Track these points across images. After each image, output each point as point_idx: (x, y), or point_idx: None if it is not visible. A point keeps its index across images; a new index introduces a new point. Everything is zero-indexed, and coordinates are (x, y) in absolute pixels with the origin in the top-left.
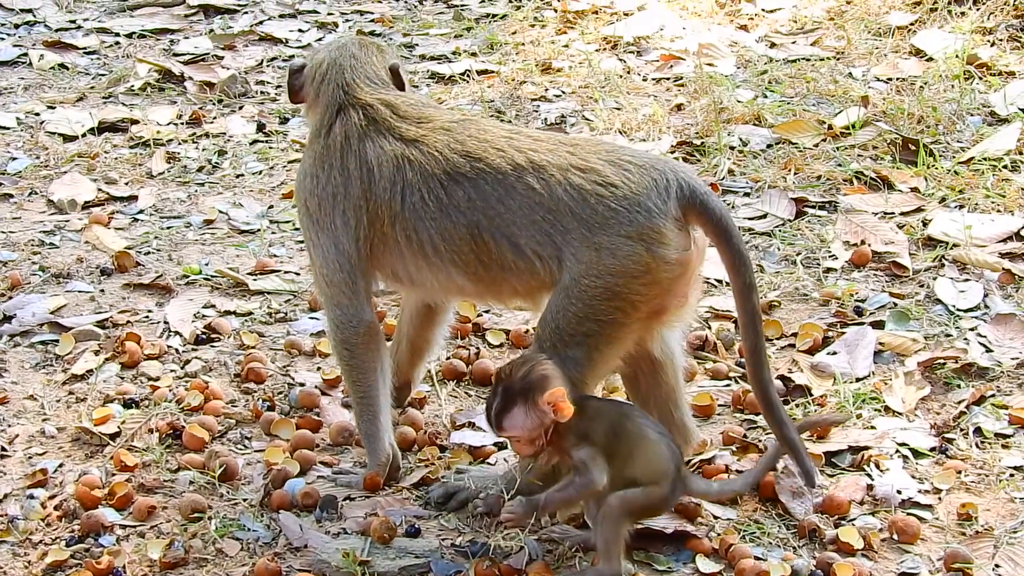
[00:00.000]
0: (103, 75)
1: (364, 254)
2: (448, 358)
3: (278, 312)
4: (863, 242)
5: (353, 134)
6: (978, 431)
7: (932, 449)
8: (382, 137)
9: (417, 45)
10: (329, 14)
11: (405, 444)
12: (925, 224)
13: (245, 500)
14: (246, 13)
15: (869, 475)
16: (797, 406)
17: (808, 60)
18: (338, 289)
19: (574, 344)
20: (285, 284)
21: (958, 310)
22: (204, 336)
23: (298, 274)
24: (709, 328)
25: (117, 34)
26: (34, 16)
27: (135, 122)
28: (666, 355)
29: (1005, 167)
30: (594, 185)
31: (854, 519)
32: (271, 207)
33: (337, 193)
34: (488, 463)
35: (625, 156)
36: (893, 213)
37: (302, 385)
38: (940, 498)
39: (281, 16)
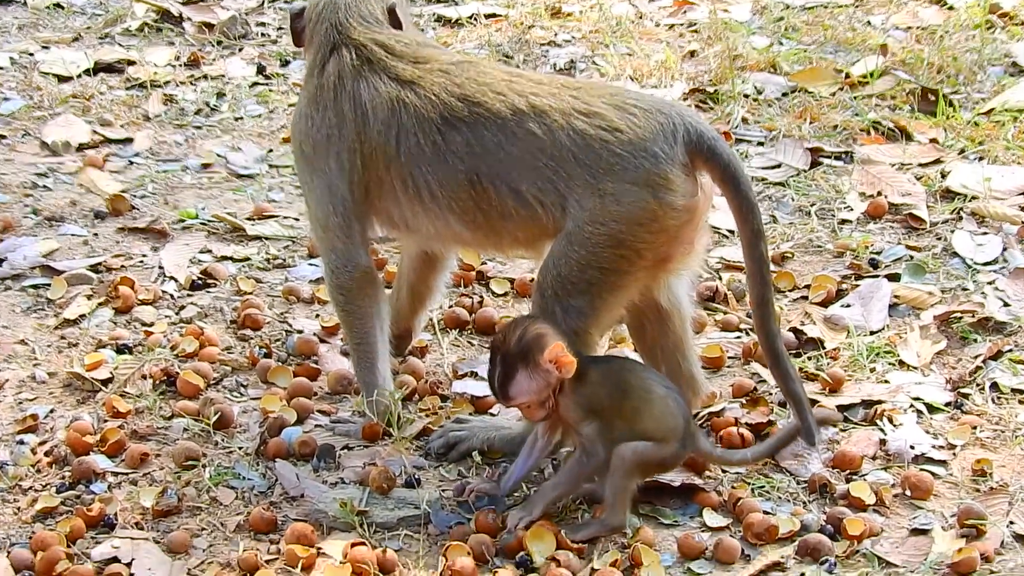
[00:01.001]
0: (99, 15)
1: (359, 198)
2: (450, 306)
3: (276, 258)
4: (879, 193)
5: (347, 73)
6: (994, 386)
7: (947, 404)
8: (376, 77)
9: None
10: None
11: (406, 393)
12: (943, 176)
13: (240, 448)
14: None
15: (882, 430)
16: (809, 359)
17: (826, 7)
18: (333, 234)
19: (577, 293)
20: (283, 230)
21: (976, 263)
22: (200, 281)
23: (297, 220)
24: (720, 279)
25: None
26: None
27: (131, 63)
28: (673, 304)
29: None
30: (598, 130)
31: (866, 474)
32: (270, 151)
33: (331, 135)
34: (491, 413)
35: (630, 100)
36: (911, 164)
37: (300, 332)
38: (954, 454)
39: None
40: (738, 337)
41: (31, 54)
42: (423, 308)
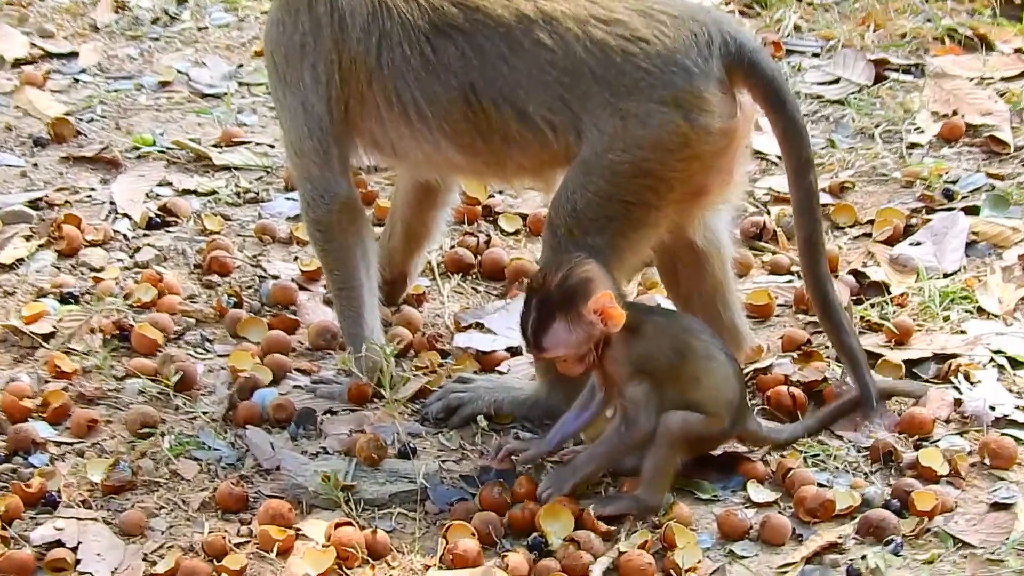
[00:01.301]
0: None
1: (338, 117)
2: (452, 247)
3: (247, 191)
4: (955, 112)
5: None
6: None
7: None
8: None
9: None
10: None
11: (399, 349)
12: None
13: (205, 414)
14: None
15: (957, 388)
16: (872, 306)
17: None
18: (308, 159)
19: (595, 230)
20: (256, 158)
21: None
22: (158, 219)
23: (272, 147)
24: (767, 213)
25: None
26: None
27: None
28: (711, 244)
29: None
30: (620, 40)
31: (938, 440)
32: (240, 67)
33: (305, 44)
34: (498, 371)
35: (658, 6)
36: (992, 78)
37: (275, 278)
38: None
39: None
40: (789, 281)
41: None
42: (420, 249)
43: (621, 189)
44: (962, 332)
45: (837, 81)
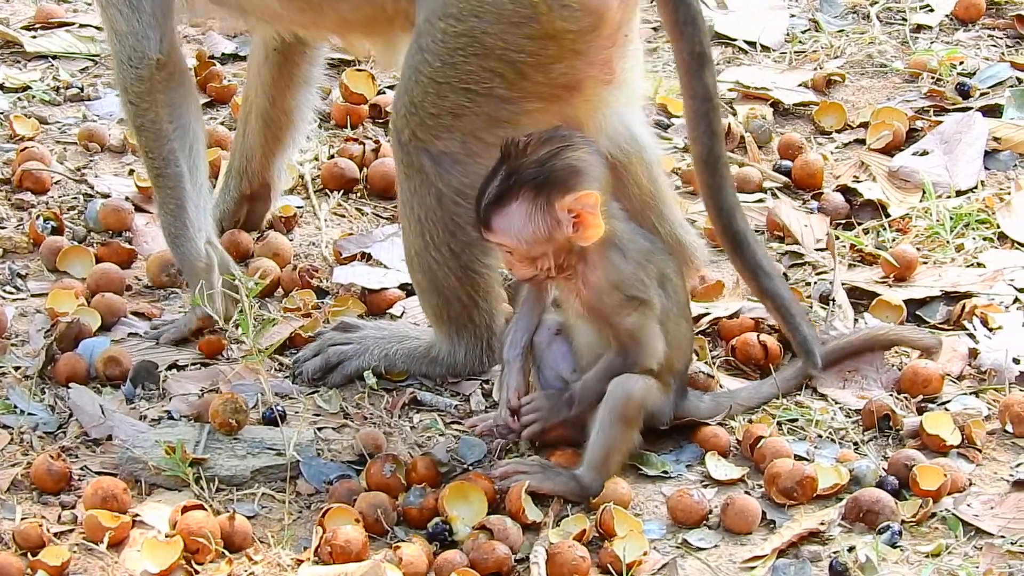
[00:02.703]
0: None
1: None
2: (331, 156)
3: (69, 86)
4: None
5: None
6: None
7: None
8: None
9: None
10: None
11: (264, 286)
12: None
13: (17, 369)
14: None
15: (972, 336)
16: (866, 232)
17: None
18: (116, 10)
19: (441, 131)
20: (80, 44)
21: None
22: None
23: (100, 29)
24: (733, 114)
25: None
26: None
27: None
28: (627, 150)
29: None
30: None
31: (948, 401)
32: None
33: None
34: (391, 315)
35: None
36: None
37: (105, 196)
38: None
39: None
40: (759, 201)
41: None
42: (282, 146)
43: (460, 72)
44: (979, 265)
45: None
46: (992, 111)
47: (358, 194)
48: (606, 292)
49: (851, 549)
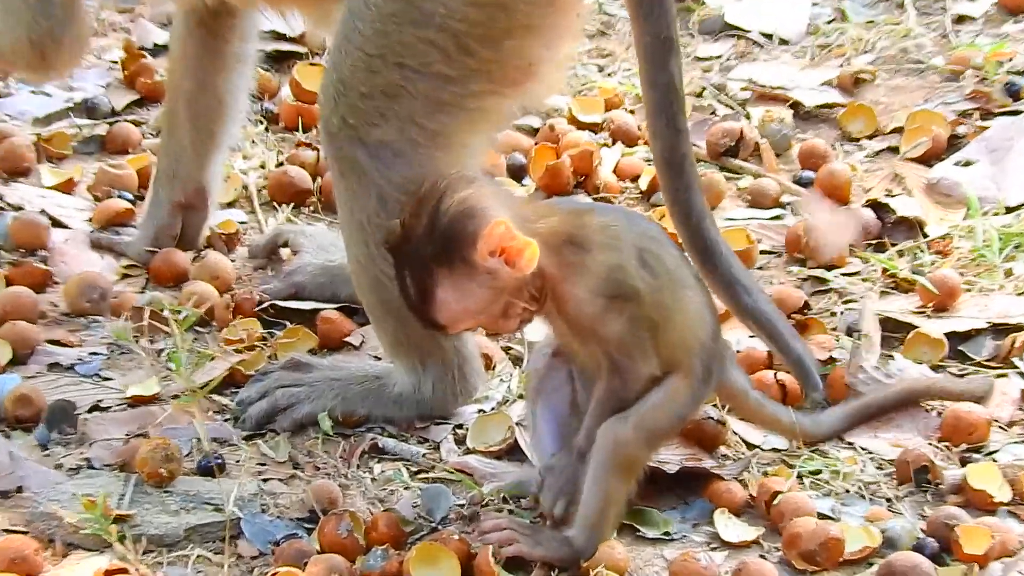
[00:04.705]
0: None
1: None
2: (279, 164)
3: None
4: None
5: None
6: None
7: None
8: None
9: None
10: None
11: (200, 314)
12: None
13: None
14: None
15: (1023, 375)
16: (901, 254)
17: None
18: None
19: (375, 117)
20: None
21: None
22: None
23: None
24: (746, 117)
25: None
26: None
27: None
28: None
29: None
30: None
31: (996, 451)
32: None
33: None
34: (350, 344)
35: None
36: None
37: (17, 209)
38: None
39: None
40: (777, 218)
41: None
42: (216, 141)
43: (393, 43)
44: None
45: None
46: None
47: (311, 207)
48: (585, 302)
49: None
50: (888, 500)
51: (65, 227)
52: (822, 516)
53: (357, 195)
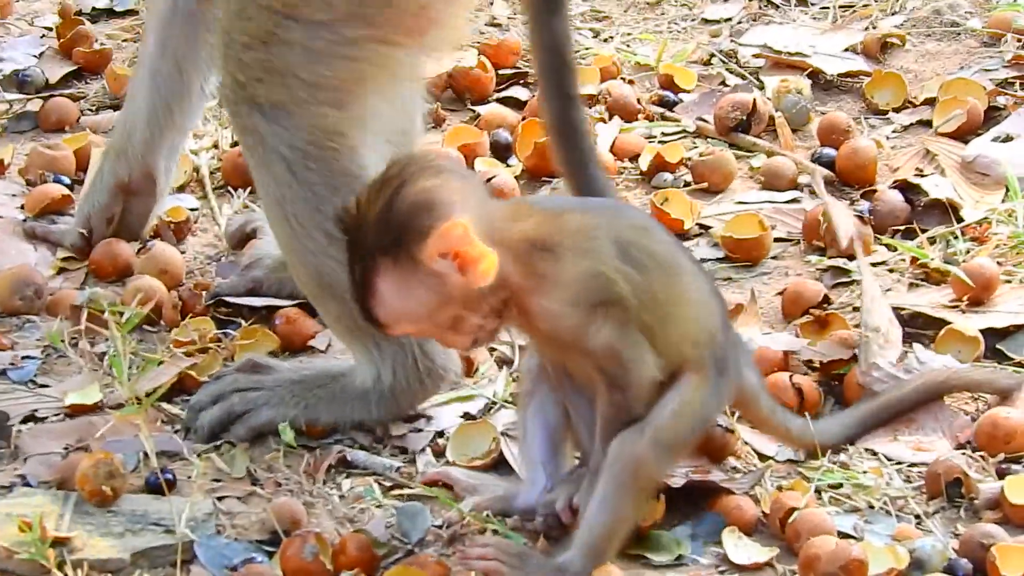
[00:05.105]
0: None
1: None
2: (234, 144)
3: None
4: None
5: None
6: None
7: None
8: None
9: None
10: None
11: (144, 313)
12: None
13: None
14: None
15: None
16: (932, 241)
17: None
18: None
19: (258, 67)
20: None
21: None
22: None
23: None
24: (759, 87)
25: None
26: None
27: None
28: None
29: None
30: None
31: None
32: None
33: None
34: (312, 347)
35: None
36: None
37: None
38: None
39: None
40: (793, 201)
41: None
42: (172, 124)
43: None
44: None
45: None
46: None
47: None
48: (561, 315)
49: None
50: (917, 517)
51: None
52: (843, 535)
53: (266, 167)
